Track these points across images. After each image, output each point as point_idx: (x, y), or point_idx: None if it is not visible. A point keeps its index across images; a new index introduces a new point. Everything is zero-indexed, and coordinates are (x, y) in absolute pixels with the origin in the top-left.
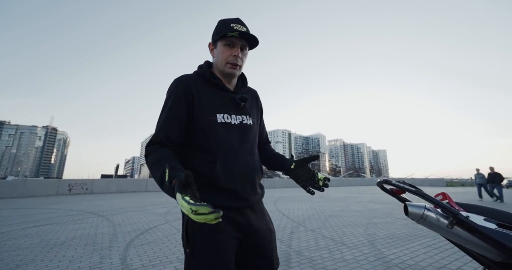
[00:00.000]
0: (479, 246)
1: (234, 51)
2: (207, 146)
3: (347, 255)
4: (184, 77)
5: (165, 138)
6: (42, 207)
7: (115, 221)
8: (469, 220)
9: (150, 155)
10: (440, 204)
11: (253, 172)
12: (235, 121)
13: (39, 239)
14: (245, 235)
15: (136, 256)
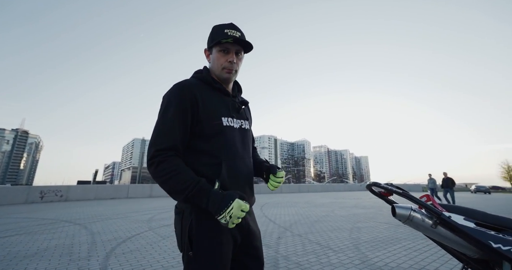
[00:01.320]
0: (460, 244)
1: (229, 57)
2: (211, 149)
3: (333, 259)
4: (187, 82)
5: (174, 146)
6: (8, 216)
7: (93, 229)
8: (451, 220)
9: (165, 163)
10: (425, 205)
11: (251, 175)
12: (236, 125)
13: (5, 251)
14: (243, 236)
15: (117, 265)
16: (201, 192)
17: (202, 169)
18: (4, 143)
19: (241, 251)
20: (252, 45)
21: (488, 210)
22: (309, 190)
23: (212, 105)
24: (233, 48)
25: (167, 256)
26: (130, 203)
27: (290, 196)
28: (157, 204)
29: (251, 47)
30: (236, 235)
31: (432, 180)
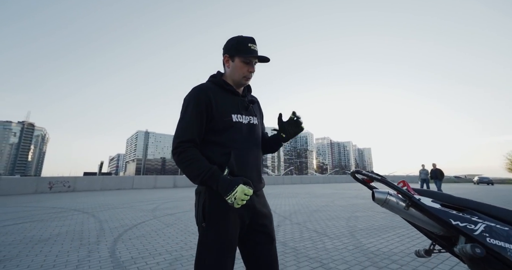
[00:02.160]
0: (428, 223)
1: (250, 68)
2: (222, 141)
3: (329, 245)
4: (204, 86)
5: (192, 138)
6: (20, 205)
7: (101, 217)
8: (420, 202)
9: (184, 153)
10: (399, 189)
11: (259, 163)
12: (245, 120)
13: (21, 236)
14: (250, 216)
15: (125, 249)
16: (212, 177)
17: (215, 157)
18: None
19: (251, 229)
20: (269, 59)
21: (488, 200)
22: (311, 181)
23: (224, 105)
24: (253, 60)
25: (170, 242)
26: (135, 193)
27: (292, 187)
28: (161, 194)
29: (268, 60)
30: (243, 215)
31: (424, 170)
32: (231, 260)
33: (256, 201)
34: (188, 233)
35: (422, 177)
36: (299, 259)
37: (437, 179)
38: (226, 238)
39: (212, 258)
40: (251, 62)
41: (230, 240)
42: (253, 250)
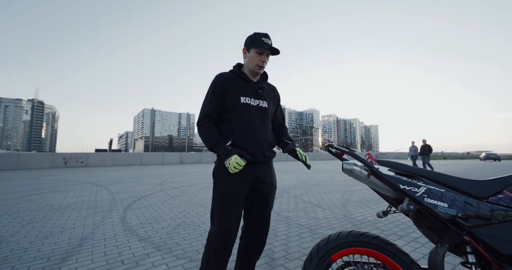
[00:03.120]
0: (385, 188)
1: (263, 57)
2: (231, 119)
3: (320, 215)
4: (221, 74)
5: (209, 114)
6: (40, 178)
7: (112, 189)
8: (378, 170)
9: (203, 126)
10: (362, 160)
11: (262, 139)
12: (253, 103)
13: (43, 203)
14: (253, 182)
15: (134, 216)
16: (217, 146)
17: (224, 131)
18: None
19: (251, 192)
20: (279, 51)
21: (490, 173)
22: (315, 158)
23: (234, 88)
24: (266, 52)
25: (175, 211)
26: (144, 169)
27: (296, 163)
28: (168, 170)
29: (277, 53)
30: (246, 179)
31: (414, 147)
32: (236, 212)
33: (259, 170)
34: (191, 204)
35: (412, 153)
36: (290, 226)
37: (424, 154)
38: (229, 194)
39: (219, 208)
40: (264, 53)
41: (234, 196)
42: (251, 209)
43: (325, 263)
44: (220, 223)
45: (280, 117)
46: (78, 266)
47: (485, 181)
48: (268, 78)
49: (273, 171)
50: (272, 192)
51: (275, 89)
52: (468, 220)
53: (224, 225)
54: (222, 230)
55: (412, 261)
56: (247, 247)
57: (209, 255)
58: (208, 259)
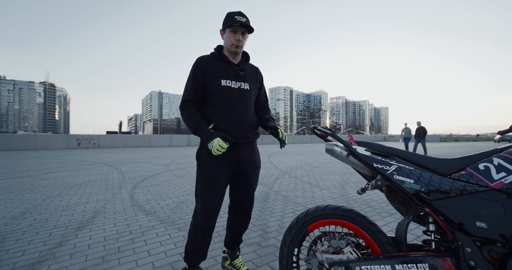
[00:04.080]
0: (362, 167)
1: (237, 36)
2: (212, 102)
3: (317, 194)
4: (202, 57)
5: (191, 98)
6: (56, 158)
7: (122, 169)
8: (355, 150)
9: (186, 110)
10: (342, 141)
11: (244, 121)
12: (234, 86)
13: (60, 181)
14: (236, 163)
15: (141, 193)
16: (200, 129)
17: (206, 114)
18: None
19: (235, 172)
20: (253, 28)
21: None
22: (321, 141)
23: (215, 71)
24: (240, 30)
25: (179, 189)
26: (152, 150)
27: (301, 146)
28: (176, 152)
29: (252, 30)
30: (228, 160)
31: (407, 129)
32: (218, 194)
33: (241, 151)
34: (195, 183)
35: (404, 135)
36: (286, 204)
37: (419, 137)
38: (212, 174)
39: (202, 189)
40: (238, 32)
41: (216, 178)
42: (235, 188)
43: (302, 233)
44: (204, 202)
45: (263, 98)
46: (92, 234)
47: (451, 159)
48: (250, 59)
49: (256, 152)
50: (255, 172)
51: (258, 70)
52: (430, 194)
53: (208, 205)
54: (206, 208)
55: (379, 231)
56: (234, 221)
57: (195, 230)
58: (195, 234)
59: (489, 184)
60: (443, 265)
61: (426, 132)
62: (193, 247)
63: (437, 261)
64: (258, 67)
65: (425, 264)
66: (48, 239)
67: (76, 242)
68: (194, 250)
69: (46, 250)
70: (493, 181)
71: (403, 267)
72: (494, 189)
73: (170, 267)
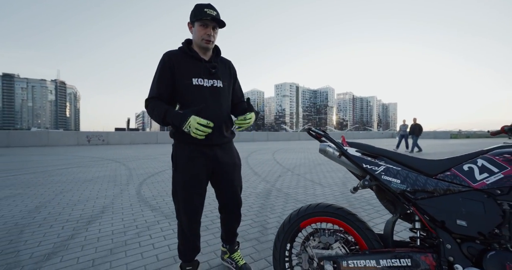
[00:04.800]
0: (353, 167)
1: (208, 30)
2: (185, 102)
3: (318, 192)
4: (169, 52)
5: (157, 95)
6: (67, 154)
7: (130, 166)
8: (346, 151)
9: (150, 105)
10: (334, 142)
11: (219, 121)
12: (207, 84)
13: (71, 176)
14: (214, 165)
15: (147, 190)
16: (167, 114)
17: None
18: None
19: (217, 174)
20: (224, 23)
21: None
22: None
23: (185, 69)
24: (210, 24)
25: None
26: (159, 147)
27: (306, 142)
28: None
29: (224, 25)
30: (206, 163)
31: (404, 126)
32: (198, 195)
33: (218, 152)
34: None
35: (402, 132)
36: (287, 201)
37: (414, 134)
38: (190, 178)
39: (182, 190)
40: (209, 26)
41: (195, 180)
42: (220, 189)
43: (294, 229)
44: (186, 205)
45: (238, 93)
46: (101, 228)
47: (437, 161)
48: (221, 53)
49: (234, 151)
50: (235, 171)
51: (230, 63)
52: (415, 193)
53: (189, 206)
54: (188, 211)
55: (367, 228)
56: (226, 219)
57: (183, 230)
58: (183, 234)
59: (472, 184)
60: (425, 260)
61: (421, 130)
62: (184, 246)
63: (419, 256)
64: (230, 61)
65: (407, 260)
66: (61, 232)
67: (86, 235)
68: (186, 248)
69: (59, 242)
70: (475, 181)
71: (387, 262)
72: (476, 189)
73: (172, 260)
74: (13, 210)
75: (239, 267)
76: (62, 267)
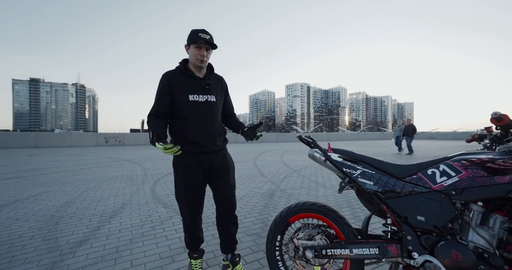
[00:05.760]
0: (336, 170)
1: (202, 51)
2: (182, 116)
3: (321, 193)
4: (168, 72)
5: (156, 112)
6: (88, 154)
7: (145, 166)
8: (330, 157)
9: (149, 122)
10: (321, 148)
11: (213, 131)
12: (202, 99)
13: (93, 176)
14: (210, 169)
15: (161, 189)
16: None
17: (177, 127)
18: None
19: (212, 176)
20: (216, 45)
21: None
22: (338, 139)
23: (182, 87)
24: (204, 46)
25: None
26: None
27: None
28: None
29: (215, 47)
30: (202, 167)
31: (399, 127)
32: (197, 196)
33: (214, 158)
34: None
35: (397, 134)
36: (289, 201)
37: (407, 135)
38: (190, 181)
39: (183, 192)
40: (202, 48)
41: (194, 182)
42: (216, 190)
43: (284, 224)
44: (187, 205)
45: (230, 105)
46: (122, 221)
47: (406, 165)
48: (214, 70)
49: (228, 156)
50: (230, 173)
51: (222, 80)
52: (385, 193)
53: (191, 206)
54: (190, 210)
55: (346, 223)
56: (221, 221)
57: (186, 225)
58: (187, 228)
59: (432, 186)
60: (390, 249)
61: (415, 131)
62: (190, 238)
63: (386, 246)
64: (222, 77)
65: (376, 249)
66: (89, 224)
67: (109, 227)
68: (191, 240)
69: (88, 232)
70: (436, 183)
71: (358, 251)
72: (436, 190)
73: (182, 249)
74: (48, 204)
75: None
76: (92, 252)
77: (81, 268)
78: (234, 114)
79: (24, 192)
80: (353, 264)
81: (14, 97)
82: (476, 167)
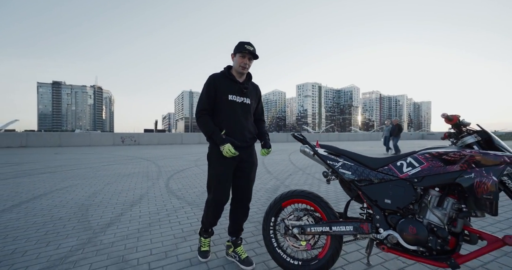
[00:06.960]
0: (322, 163)
1: (245, 60)
2: (221, 113)
3: (323, 189)
4: (214, 75)
5: (205, 108)
6: (106, 153)
7: (159, 164)
8: (317, 151)
9: (201, 118)
10: (310, 144)
11: (245, 129)
12: (239, 100)
13: (113, 172)
14: (238, 163)
15: (174, 183)
16: (213, 135)
17: (215, 122)
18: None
19: (237, 170)
20: (258, 56)
21: None
22: (349, 139)
23: (224, 88)
24: (247, 56)
25: (204, 181)
26: (184, 147)
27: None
28: (203, 149)
29: (257, 57)
30: (232, 160)
31: (388, 127)
32: (227, 185)
33: (243, 153)
34: None
35: (385, 134)
36: None
37: (393, 135)
38: (221, 172)
39: (214, 183)
40: (246, 57)
41: (224, 174)
42: (237, 183)
43: (277, 208)
44: (215, 194)
45: (260, 111)
46: (141, 209)
47: (380, 158)
48: (252, 78)
49: (254, 152)
50: (253, 168)
51: (258, 88)
52: (361, 182)
53: (218, 196)
54: (217, 199)
55: (329, 207)
56: (235, 211)
57: (207, 213)
58: (206, 215)
59: (399, 175)
60: (362, 227)
61: (401, 130)
62: (207, 220)
63: (359, 224)
64: (258, 85)
65: (351, 226)
66: (114, 211)
67: (131, 213)
68: (207, 222)
69: (114, 217)
70: (402, 173)
71: (337, 228)
72: (401, 179)
73: (193, 232)
74: (78, 194)
75: (242, 260)
76: (119, 231)
77: (111, 243)
78: (263, 121)
79: (56, 184)
80: (333, 240)
81: (38, 99)
82: (435, 159)
